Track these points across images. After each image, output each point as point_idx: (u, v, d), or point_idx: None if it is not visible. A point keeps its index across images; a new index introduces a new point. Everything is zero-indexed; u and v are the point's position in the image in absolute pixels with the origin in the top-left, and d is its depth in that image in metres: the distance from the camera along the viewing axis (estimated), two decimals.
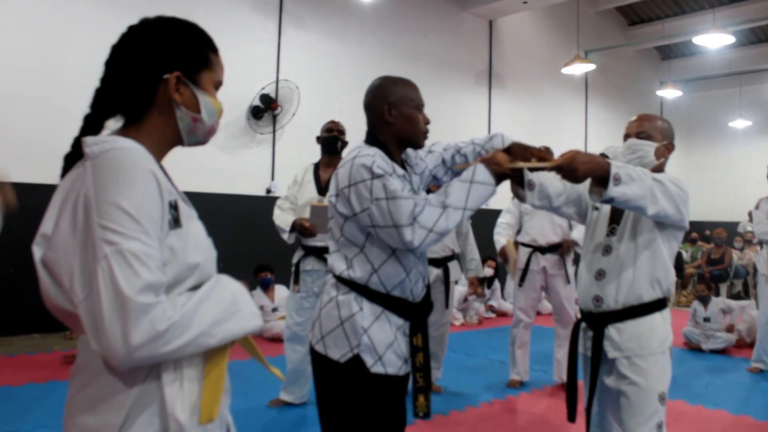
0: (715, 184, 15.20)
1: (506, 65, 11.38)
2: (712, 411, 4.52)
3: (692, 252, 12.25)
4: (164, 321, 1.04)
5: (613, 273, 2.28)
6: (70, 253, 1.10)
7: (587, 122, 13.22)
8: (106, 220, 1.06)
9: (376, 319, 1.96)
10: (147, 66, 1.24)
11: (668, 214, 2.12)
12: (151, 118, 1.26)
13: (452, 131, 10.07)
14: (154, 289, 1.05)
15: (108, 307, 1.02)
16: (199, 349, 1.12)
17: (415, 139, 2.09)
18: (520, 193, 2.27)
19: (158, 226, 1.11)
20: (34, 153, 6.17)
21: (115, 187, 1.09)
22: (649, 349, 2.23)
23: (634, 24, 14.25)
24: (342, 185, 1.96)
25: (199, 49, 1.30)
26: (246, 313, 1.21)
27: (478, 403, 4.54)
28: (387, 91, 2.06)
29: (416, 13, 9.88)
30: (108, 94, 1.26)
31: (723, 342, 6.63)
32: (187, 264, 1.17)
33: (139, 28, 1.28)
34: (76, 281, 1.08)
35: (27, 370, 4.94)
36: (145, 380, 1.13)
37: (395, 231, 1.86)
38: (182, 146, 1.34)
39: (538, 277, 4.94)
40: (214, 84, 1.33)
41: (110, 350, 1.02)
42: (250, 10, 7.98)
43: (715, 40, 9.91)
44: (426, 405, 2.06)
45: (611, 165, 2.00)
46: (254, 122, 7.89)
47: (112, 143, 1.16)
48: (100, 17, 6.65)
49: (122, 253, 1.04)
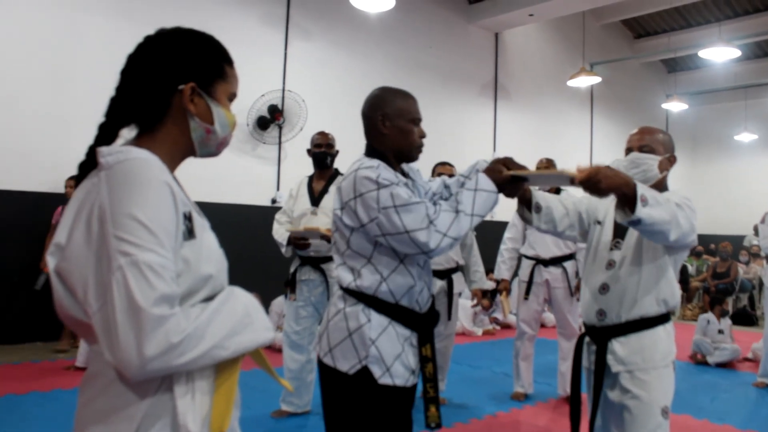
0: (721, 197, 15.17)
1: (512, 78, 11.41)
2: (718, 426, 4.49)
3: (697, 265, 12.21)
4: (178, 333, 1.04)
5: (617, 287, 2.27)
6: (84, 263, 1.10)
7: (592, 135, 13.23)
8: (121, 231, 1.06)
9: (384, 331, 1.97)
10: (163, 76, 1.25)
11: (686, 237, 2.10)
12: (165, 128, 1.26)
13: (457, 143, 10.10)
14: (169, 301, 1.05)
15: (122, 318, 1.02)
16: (212, 361, 1.11)
17: (408, 152, 2.09)
18: (527, 216, 2.31)
19: (173, 238, 1.11)
20: (39, 162, 6.21)
21: (130, 199, 1.08)
22: (653, 362, 2.22)
23: (640, 37, 14.28)
24: (347, 198, 1.96)
25: (214, 61, 1.31)
26: (258, 326, 1.20)
27: (482, 415, 4.52)
28: (383, 102, 2.07)
29: (422, 25, 9.93)
30: (123, 103, 1.26)
31: (730, 354, 6.59)
32: (201, 275, 1.17)
33: (156, 38, 1.29)
34: (90, 292, 1.08)
35: (31, 379, 4.94)
36: (156, 392, 1.12)
37: (407, 236, 1.86)
38: (194, 157, 1.34)
39: (542, 289, 4.95)
40: (228, 96, 1.34)
41: (124, 362, 1.02)
42: (257, 22, 8.03)
43: (720, 54, 9.92)
44: (437, 416, 2.06)
45: (637, 185, 1.97)
46: (260, 133, 7.92)
47: (126, 154, 1.17)
48: (105, 28, 6.72)
49: (137, 265, 1.04)
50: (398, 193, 1.89)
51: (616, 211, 2.05)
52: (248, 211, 7.67)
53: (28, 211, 6.18)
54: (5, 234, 6.08)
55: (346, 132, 9.35)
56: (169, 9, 7.21)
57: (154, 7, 7.09)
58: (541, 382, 5.30)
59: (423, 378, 2.03)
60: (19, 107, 6.21)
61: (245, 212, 7.64)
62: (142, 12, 6.98)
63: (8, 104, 6.16)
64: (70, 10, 6.56)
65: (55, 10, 6.47)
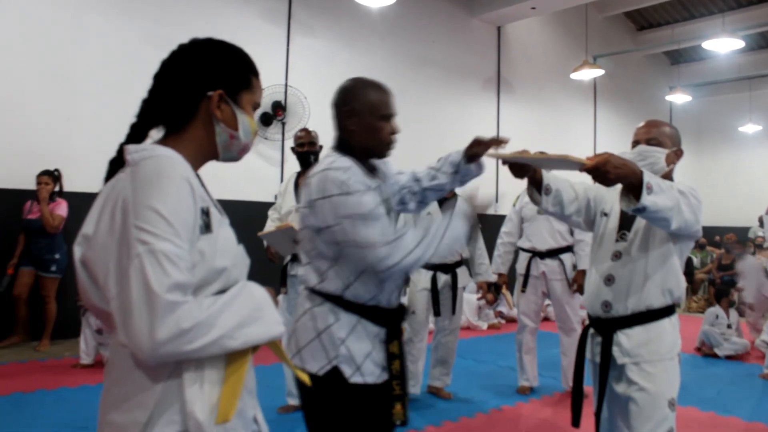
0: (725, 189, 15.12)
1: (515, 71, 11.38)
2: (725, 418, 4.49)
3: (702, 257, 12.18)
4: (189, 320, 1.10)
5: (623, 279, 2.27)
6: (107, 252, 1.17)
7: (596, 127, 13.19)
8: (141, 222, 1.13)
9: (353, 329, 1.92)
10: (194, 82, 1.34)
11: (689, 226, 2.09)
12: (191, 130, 1.35)
13: (460, 137, 10.05)
14: (182, 289, 1.11)
15: (137, 302, 1.08)
16: (221, 350, 1.16)
17: (377, 150, 2.01)
18: (536, 198, 2.29)
19: (190, 230, 1.18)
20: (44, 160, 6.21)
21: (151, 192, 1.16)
22: (659, 354, 2.22)
23: (643, 29, 14.22)
24: (314, 196, 1.89)
25: (242, 72, 1.39)
26: (268, 320, 1.25)
27: (487, 409, 4.52)
28: (353, 96, 1.98)
29: (425, 19, 9.90)
30: (154, 105, 1.35)
31: (739, 347, 6.58)
32: (215, 268, 1.24)
33: (189, 47, 1.38)
34: (110, 278, 1.15)
35: (37, 376, 4.96)
36: (167, 380, 1.18)
37: (361, 250, 1.82)
38: (216, 161, 1.41)
39: (539, 282, 4.96)
40: (252, 105, 1.41)
41: (137, 344, 1.08)
42: (259, 18, 8.02)
43: (724, 45, 9.88)
44: (403, 413, 1.99)
45: (644, 173, 1.96)
46: (263, 129, 7.92)
47: (151, 152, 1.26)
48: (108, 26, 6.71)
49: (154, 253, 1.10)
50: (364, 202, 1.84)
51: (621, 199, 2.03)
52: (252, 208, 7.67)
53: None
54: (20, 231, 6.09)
55: None
56: (172, 7, 7.20)
57: (156, 6, 7.08)
58: (546, 376, 5.29)
59: (390, 375, 1.97)
60: (21, 105, 6.22)
61: (248, 209, 7.64)
62: (144, 10, 6.98)
63: (10, 102, 6.16)
64: (72, 9, 6.56)
65: (56, 9, 6.46)
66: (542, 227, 4.91)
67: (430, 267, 4.63)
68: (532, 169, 2.21)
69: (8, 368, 5.24)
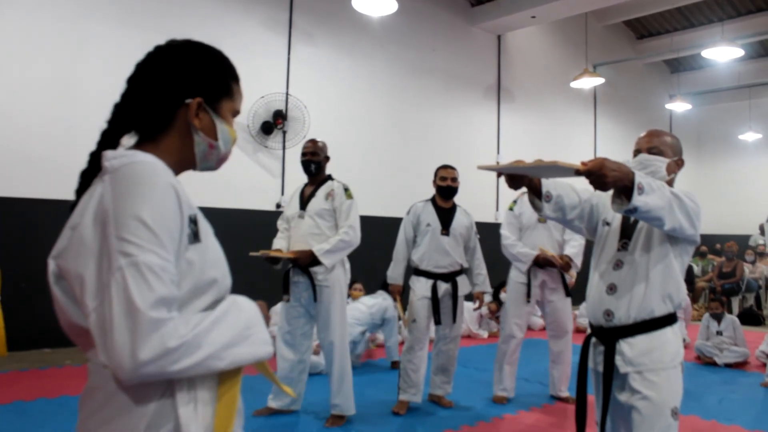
0: (726, 197, 15.12)
1: (515, 79, 11.41)
2: (726, 426, 4.47)
3: (702, 265, 12.17)
4: (175, 338, 1.03)
5: (625, 287, 2.27)
6: (82, 262, 1.09)
7: (596, 136, 13.21)
8: (123, 232, 1.05)
9: None
10: (171, 88, 1.26)
11: (683, 228, 2.11)
12: (167, 138, 1.27)
13: (461, 146, 10.10)
14: (167, 304, 1.04)
15: (119, 319, 1.00)
16: (207, 371, 1.09)
17: None
18: (537, 204, 2.29)
19: (176, 240, 1.11)
20: (45, 169, 6.22)
21: (134, 200, 1.08)
22: (662, 363, 2.22)
23: (643, 37, 14.26)
24: None
25: (222, 78, 1.32)
26: (256, 340, 1.19)
27: (489, 417, 4.51)
28: None
29: (425, 28, 9.93)
30: (128, 110, 1.27)
31: (739, 356, 6.56)
32: (206, 279, 1.18)
33: (167, 49, 1.30)
34: (87, 290, 1.07)
35: (38, 385, 4.95)
36: (159, 401, 1.12)
37: None
38: (193, 170, 1.35)
39: (537, 291, 4.96)
40: (232, 113, 1.35)
41: (117, 363, 1.00)
42: (259, 26, 8.04)
43: (724, 54, 9.91)
44: None
45: (635, 174, 1.99)
46: (264, 137, 7.93)
47: (131, 157, 1.17)
48: (109, 35, 6.74)
49: (137, 266, 1.03)
50: None
51: (613, 201, 2.05)
52: (253, 216, 7.67)
53: (34, 218, 6.20)
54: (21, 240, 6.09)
55: (349, 135, 9.33)
56: (173, 15, 7.23)
57: (157, 14, 7.10)
58: (546, 385, 5.28)
59: None
60: (21, 114, 6.23)
61: (250, 217, 7.65)
62: (146, 18, 7.00)
63: (11, 111, 6.18)
64: (75, 17, 6.58)
65: (59, 17, 6.49)
66: (541, 236, 4.92)
67: (431, 276, 4.64)
68: (527, 179, 2.21)
69: (9, 377, 5.23)
